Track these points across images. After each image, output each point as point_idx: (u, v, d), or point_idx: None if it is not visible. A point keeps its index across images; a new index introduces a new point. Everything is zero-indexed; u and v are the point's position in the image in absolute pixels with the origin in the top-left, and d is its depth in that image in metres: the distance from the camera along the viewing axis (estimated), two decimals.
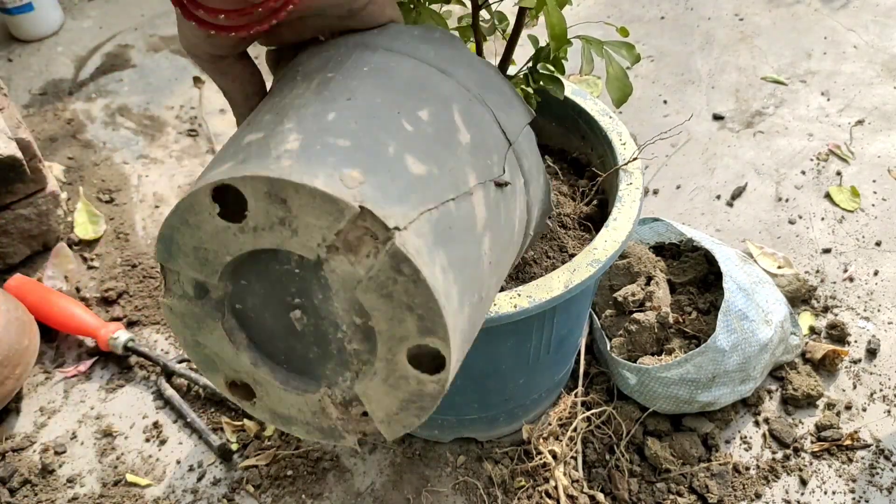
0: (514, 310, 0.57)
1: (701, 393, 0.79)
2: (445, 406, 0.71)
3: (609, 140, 0.71)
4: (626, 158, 0.69)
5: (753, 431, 0.84)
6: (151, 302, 1.01)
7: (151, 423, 0.88)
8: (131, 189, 1.18)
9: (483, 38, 0.60)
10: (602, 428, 0.82)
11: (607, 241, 0.62)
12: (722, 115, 1.26)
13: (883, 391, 0.87)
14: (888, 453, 0.81)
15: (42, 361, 0.95)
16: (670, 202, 1.12)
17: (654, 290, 0.85)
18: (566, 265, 0.60)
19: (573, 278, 0.59)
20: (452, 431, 0.82)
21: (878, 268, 1.00)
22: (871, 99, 1.26)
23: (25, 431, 0.88)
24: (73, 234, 1.09)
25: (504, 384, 0.73)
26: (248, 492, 0.81)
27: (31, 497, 0.82)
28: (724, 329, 0.77)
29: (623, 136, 0.71)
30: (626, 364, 0.81)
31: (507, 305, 0.58)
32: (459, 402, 0.74)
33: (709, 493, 0.78)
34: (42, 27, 1.51)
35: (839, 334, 0.91)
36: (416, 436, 0.84)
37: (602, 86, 1.33)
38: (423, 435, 0.84)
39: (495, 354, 0.68)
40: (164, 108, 1.32)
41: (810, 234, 1.05)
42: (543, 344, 0.69)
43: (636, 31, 1.46)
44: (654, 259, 0.89)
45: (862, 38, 1.39)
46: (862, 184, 1.11)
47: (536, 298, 0.58)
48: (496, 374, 0.71)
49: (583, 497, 0.77)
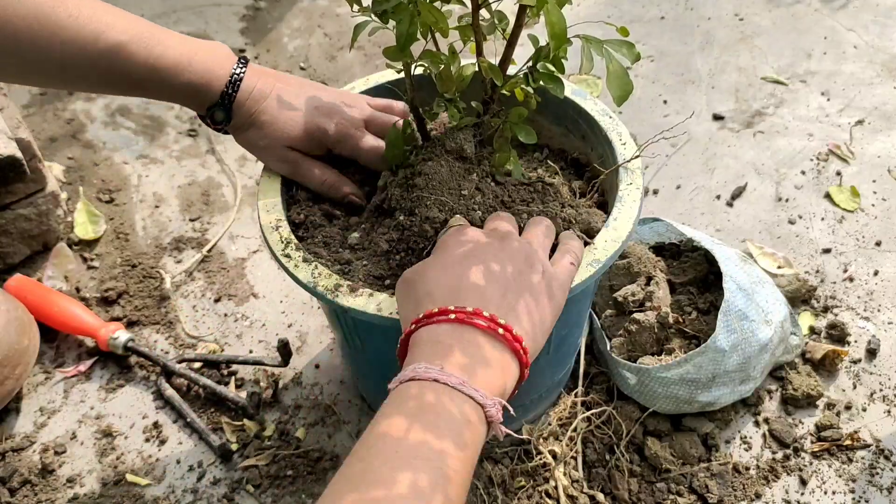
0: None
1: (701, 393, 0.79)
2: None
3: (609, 140, 0.71)
4: (626, 158, 0.69)
5: (753, 431, 0.84)
6: (151, 302, 1.01)
7: (151, 423, 0.88)
8: (131, 189, 1.18)
9: (483, 37, 0.61)
10: (602, 428, 0.82)
11: (607, 240, 0.62)
12: (722, 115, 1.26)
13: (883, 391, 0.87)
14: (888, 453, 0.81)
15: (42, 361, 0.95)
16: (670, 202, 1.12)
17: (654, 290, 0.85)
18: None
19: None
20: None
21: (878, 268, 1.00)
22: (871, 99, 1.26)
23: (25, 431, 0.88)
24: (73, 234, 1.09)
25: None
26: (248, 492, 0.81)
27: (31, 497, 0.82)
28: (724, 329, 0.77)
29: (623, 136, 0.71)
30: (626, 364, 0.81)
31: None
32: None
33: (709, 493, 0.78)
34: None
35: (839, 334, 0.91)
36: None
37: (602, 85, 1.33)
38: None
39: None
40: (164, 108, 1.32)
41: (810, 234, 1.05)
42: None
43: (636, 31, 1.46)
44: (654, 259, 0.89)
45: (862, 38, 1.39)
46: (862, 184, 1.11)
47: None
48: None
49: (583, 497, 0.77)
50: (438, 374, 0.45)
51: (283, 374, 0.92)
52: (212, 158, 1.23)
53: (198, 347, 0.96)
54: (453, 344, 0.48)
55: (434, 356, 0.47)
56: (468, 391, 0.45)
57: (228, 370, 0.93)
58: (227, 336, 0.97)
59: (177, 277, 1.04)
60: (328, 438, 0.86)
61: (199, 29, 1.49)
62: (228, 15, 1.51)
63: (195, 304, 1.01)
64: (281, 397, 0.90)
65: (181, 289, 1.03)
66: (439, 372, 0.45)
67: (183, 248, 1.08)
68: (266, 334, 0.97)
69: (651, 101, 1.30)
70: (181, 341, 0.97)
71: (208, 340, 0.97)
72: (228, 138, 0.77)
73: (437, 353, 0.47)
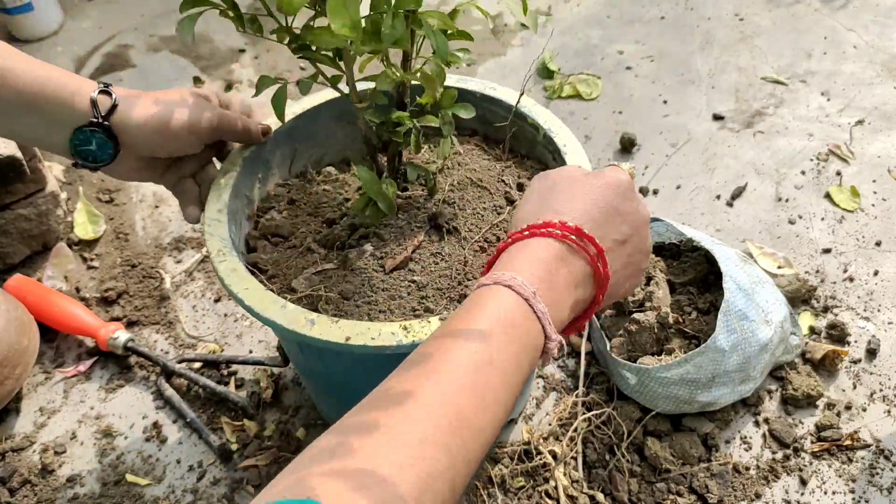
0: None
1: (701, 393, 0.79)
2: None
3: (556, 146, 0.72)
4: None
5: (753, 431, 0.84)
6: (151, 302, 1.01)
7: (151, 423, 0.88)
8: (131, 189, 1.18)
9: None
10: (602, 428, 0.82)
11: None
12: (722, 115, 1.26)
13: (883, 391, 0.87)
14: (888, 453, 0.81)
15: (42, 361, 0.95)
16: (670, 202, 1.12)
17: (654, 290, 0.85)
18: None
19: None
20: None
21: (878, 268, 1.00)
22: (871, 99, 1.26)
23: (25, 431, 0.88)
24: (73, 234, 1.09)
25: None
26: (248, 492, 0.81)
27: (31, 497, 0.82)
28: (724, 329, 0.77)
29: (569, 144, 0.72)
30: (626, 364, 0.81)
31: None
32: None
33: (709, 493, 0.78)
34: (42, 27, 1.51)
35: (839, 334, 0.91)
36: None
37: (602, 85, 1.33)
38: None
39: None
40: None
41: (810, 234, 1.05)
42: None
43: (636, 31, 1.46)
44: (654, 259, 0.89)
45: (862, 38, 1.39)
46: (862, 184, 1.11)
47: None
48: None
49: (583, 497, 0.77)
50: (531, 297, 0.46)
51: (283, 374, 0.92)
52: None
53: (198, 347, 0.96)
54: (558, 268, 0.49)
55: (533, 276, 0.47)
56: (546, 325, 0.46)
57: (228, 370, 0.93)
58: (227, 336, 0.97)
59: (177, 277, 1.04)
60: None
61: (199, 29, 1.48)
62: (229, 22, 1.51)
63: (195, 304, 1.01)
64: (281, 397, 0.90)
65: (181, 289, 1.03)
66: (533, 297, 0.46)
67: (183, 248, 1.08)
68: (266, 334, 0.97)
69: (651, 101, 1.30)
70: (181, 341, 0.97)
71: (208, 340, 0.97)
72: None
73: (535, 273, 0.48)
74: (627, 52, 1.41)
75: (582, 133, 1.24)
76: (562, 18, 1.52)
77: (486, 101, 0.77)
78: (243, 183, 0.71)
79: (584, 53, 1.41)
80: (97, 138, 0.62)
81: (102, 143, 0.63)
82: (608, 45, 1.43)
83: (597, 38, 1.45)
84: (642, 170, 1.16)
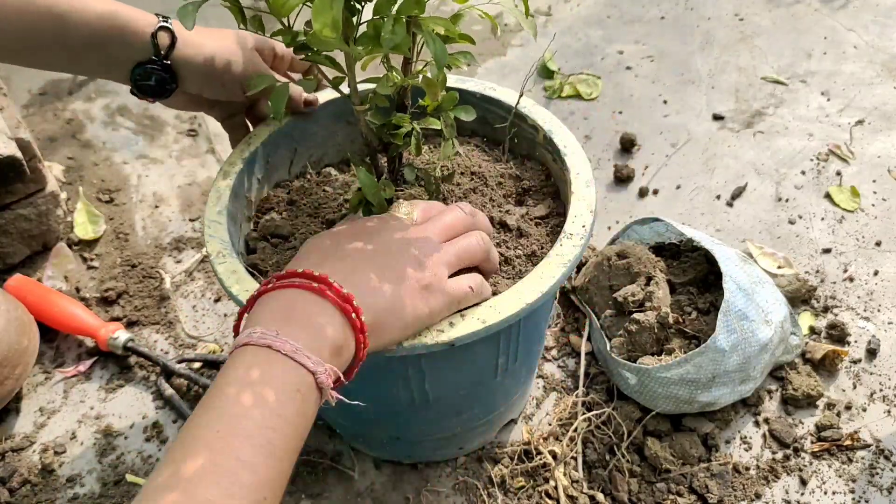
0: (481, 325, 0.56)
1: (701, 393, 0.79)
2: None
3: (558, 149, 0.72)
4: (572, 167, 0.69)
5: (753, 431, 0.84)
6: (151, 302, 1.01)
7: (151, 423, 0.88)
8: (131, 189, 1.18)
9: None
10: (602, 428, 0.82)
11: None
12: (722, 115, 1.26)
13: (883, 391, 0.87)
14: (888, 453, 0.81)
15: (42, 361, 0.95)
16: (670, 202, 1.12)
17: (654, 291, 0.85)
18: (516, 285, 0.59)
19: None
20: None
21: (878, 268, 1.00)
22: (871, 99, 1.26)
23: (25, 431, 0.88)
24: (73, 234, 1.09)
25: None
26: None
27: (31, 497, 0.82)
28: (724, 329, 0.77)
29: (569, 145, 0.71)
30: (626, 364, 0.81)
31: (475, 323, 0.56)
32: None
33: (709, 493, 0.78)
34: None
35: (839, 334, 0.91)
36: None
37: (601, 85, 1.33)
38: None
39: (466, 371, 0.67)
40: (163, 108, 1.32)
41: (810, 234, 1.05)
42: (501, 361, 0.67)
43: (636, 31, 1.46)
44: (654, 259, 0.89)
45: (862, 38, 1.39)
46: (862, 184, 1.11)
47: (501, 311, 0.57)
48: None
49: (583, 497, 0.77)
50: (273, 341, 0.45)
51: None
52: (211, 158, 1.23)
53: (198, 347, 0.96)
54: (294, 308, 0.48)
55: (272, 321, 0.47)
56: (300, 359, 0.46)
57: None
58: (227, 336, 0.97)
59: (177, 277, 1.04)
60: (328, 439, 0.86)
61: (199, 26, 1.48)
62: (229, 14, 1.51)
63: (195, 304, 1.01)
64: None
65: (181, 289, 1.03)
66: (274, 338, 0.45)
67: (183, 248, 1.08)
68: None
69: (651, 101, 1.30)
70: (181, 341, 0.97)
71: (208, 340, 0.97)
72: (228, 138, 0.77)
73: (275, 319, 0.47)
74: (627, 52, 1.41)
75: (582, 133, 1.24)
76: (562, 18, 1.52)
77: (486, 101, 0.77)
78: (243, 184, 0.71)
79: (584, 53, 1.41)
80: (157, 75, 0.65)
81: (161, 79, 0.66)
82: (608, 45, 1.43)
83: (597, 38, 1.45)
84: (642, 170, 1.16)
